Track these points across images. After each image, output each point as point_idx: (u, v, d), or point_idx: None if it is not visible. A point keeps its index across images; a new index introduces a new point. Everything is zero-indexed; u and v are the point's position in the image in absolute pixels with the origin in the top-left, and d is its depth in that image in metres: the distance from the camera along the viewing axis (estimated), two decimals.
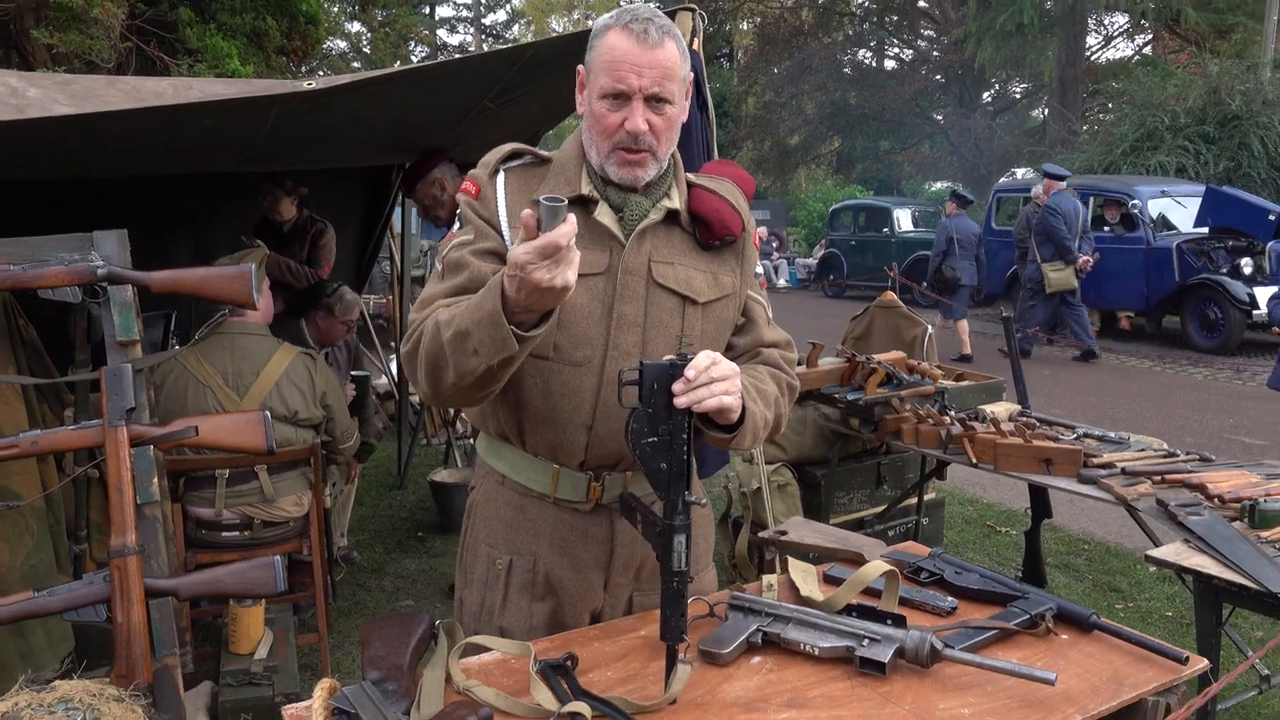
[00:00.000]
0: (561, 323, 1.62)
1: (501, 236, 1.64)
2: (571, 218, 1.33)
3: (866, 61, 27.00)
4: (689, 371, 1.44)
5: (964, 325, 10.59)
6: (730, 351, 1.79)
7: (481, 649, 1.60)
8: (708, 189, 1.74)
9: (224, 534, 3.42)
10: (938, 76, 25.46)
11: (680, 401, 1.43)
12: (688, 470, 1.46)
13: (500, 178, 1.68)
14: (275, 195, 5.07)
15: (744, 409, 1.54)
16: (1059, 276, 9.87)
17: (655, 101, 1.59)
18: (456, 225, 1.74)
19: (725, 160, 3.15)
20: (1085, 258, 9.94)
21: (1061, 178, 10.27)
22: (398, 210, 6.40)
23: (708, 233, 1.71)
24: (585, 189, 1.66)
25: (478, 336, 1.43)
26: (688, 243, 1.72)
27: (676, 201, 1.70)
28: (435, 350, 1.51)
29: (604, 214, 1.65)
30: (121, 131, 2.95)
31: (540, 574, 1.75)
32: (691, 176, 1.77)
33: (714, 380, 1.45)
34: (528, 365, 1.64)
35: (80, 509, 2.94)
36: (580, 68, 1.67)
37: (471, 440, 5.72)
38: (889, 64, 27.29)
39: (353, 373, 4.87)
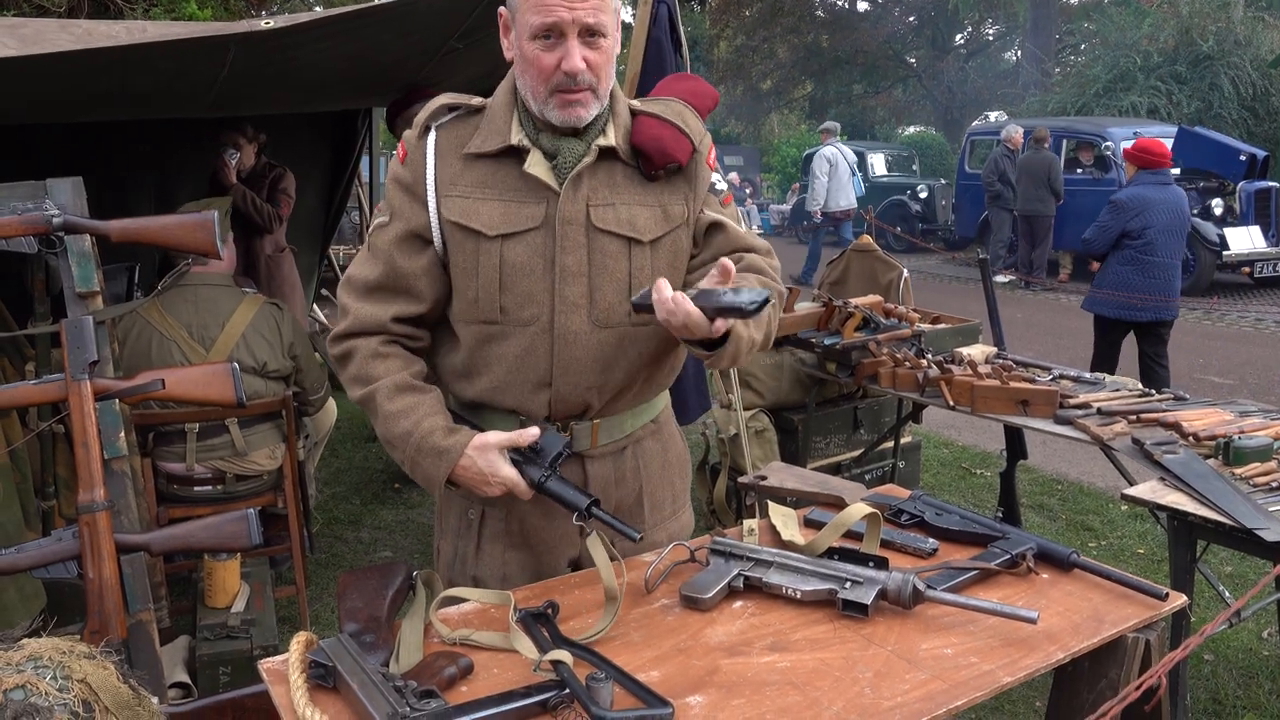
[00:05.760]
0: (504, 284, 1.59)
1: (427, 202, 1.61)
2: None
3: (839, 3, 26.68)
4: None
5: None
6: (703, 269, 1.68)
7: (460, 600, 1.58)
8: (651, 114, 1.65)
9: (196, 489, 3.38)
10: (911, 18, 25.22)
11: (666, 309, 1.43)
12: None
13: (431, 137, 1.63)
14: (238, 144, 4.96)
15: (731, 329, 1.48)
16: None
17: (589, 35, 1.50)
18: None
19: (682, 74, 2.89)
20: None
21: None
22: (365, 158, 6.27)
23: (649, 164, 1.62)
24: (515, 139, 1.58)
25: (411, 464, 1.61)
26: (631, 177, 1.63)
27: (612, 138, 1.61)
28: (369, 406, 1.64)
29: (536, 165, 1.58)
30: (73, 75, 2.85)
31: (514, 524, 1.74)
32: (636, 103, 1.69)
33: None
34: (479, 332, 1.62)
35: (47, 465, 2.89)
36: (502, 9, 1.57)
37: None
38: (862, 6, 26.98)
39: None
